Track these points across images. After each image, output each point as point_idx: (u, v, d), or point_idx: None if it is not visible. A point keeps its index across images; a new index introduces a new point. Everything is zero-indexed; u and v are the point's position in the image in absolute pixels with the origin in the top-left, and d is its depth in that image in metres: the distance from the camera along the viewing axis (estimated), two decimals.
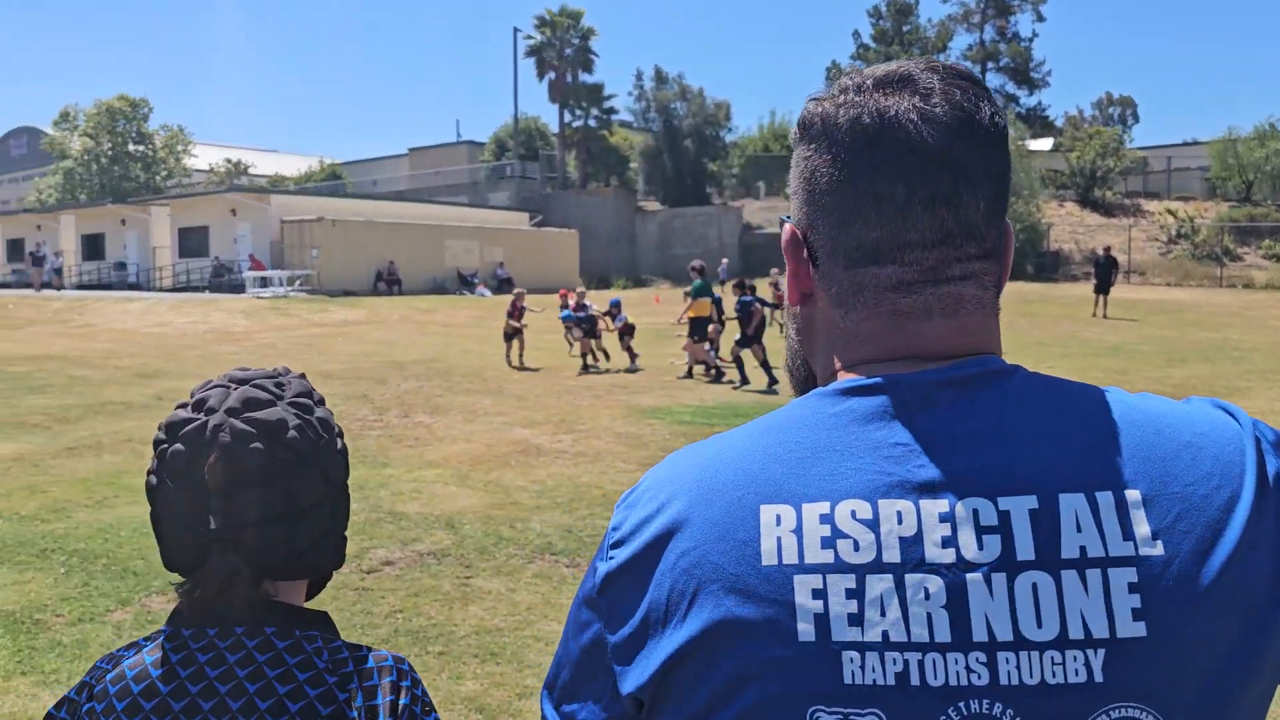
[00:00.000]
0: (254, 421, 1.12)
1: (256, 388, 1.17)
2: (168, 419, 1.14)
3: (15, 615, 4.80)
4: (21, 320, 27.08)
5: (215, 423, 1.11)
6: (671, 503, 0.79)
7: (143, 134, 59.28)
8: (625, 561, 0.79)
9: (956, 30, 49.00)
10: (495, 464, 8.62)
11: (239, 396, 1.14)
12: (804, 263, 0.88)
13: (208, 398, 1.15)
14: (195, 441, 1.10)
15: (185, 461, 1.10)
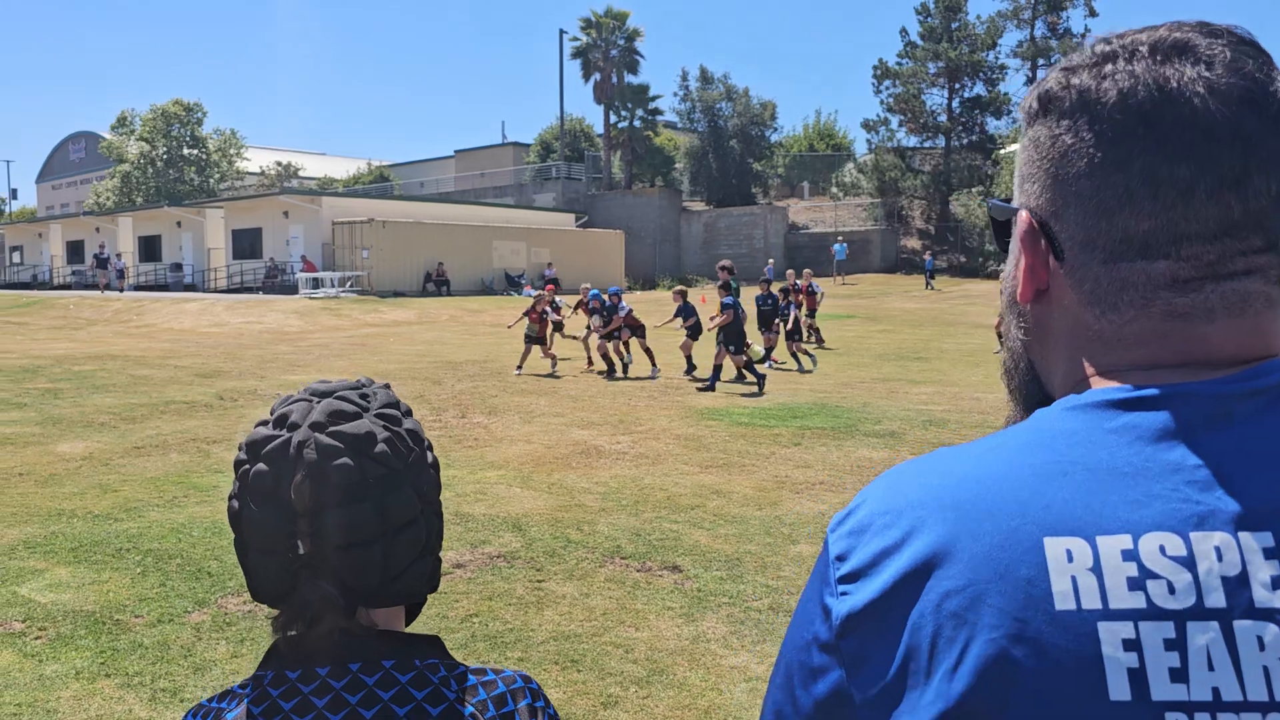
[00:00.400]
0: (341, 435, 1.04)
1: (340, 399, 1.08)
2: (248, 438, 1.06)
3: (96, 615, 4.83)
4: (82, 320, 27.66)
5: (299, 439, 1.03)
6: (921, 531, 0.68)
7: (197, 137, 60.32)
8: (872, 601, 0.68)
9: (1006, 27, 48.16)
10: (557, 465, 8.57)
11: (323, 409, 1.06)
12: (1041, 255, 0.76)
13: (290, 413, 1.06)
14: (279, 460, 1.02)
15: (269, 482, 1.02)
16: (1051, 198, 0.76)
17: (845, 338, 21.56)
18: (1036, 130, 0.77)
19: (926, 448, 9.30)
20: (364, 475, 1.03)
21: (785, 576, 5.56)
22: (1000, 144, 43.66)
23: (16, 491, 7.45)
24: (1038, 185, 0.77)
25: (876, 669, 0.68)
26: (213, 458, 8.84)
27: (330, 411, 1.06)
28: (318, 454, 1.02)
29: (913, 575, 0.67)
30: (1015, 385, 0.84)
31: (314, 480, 1.01)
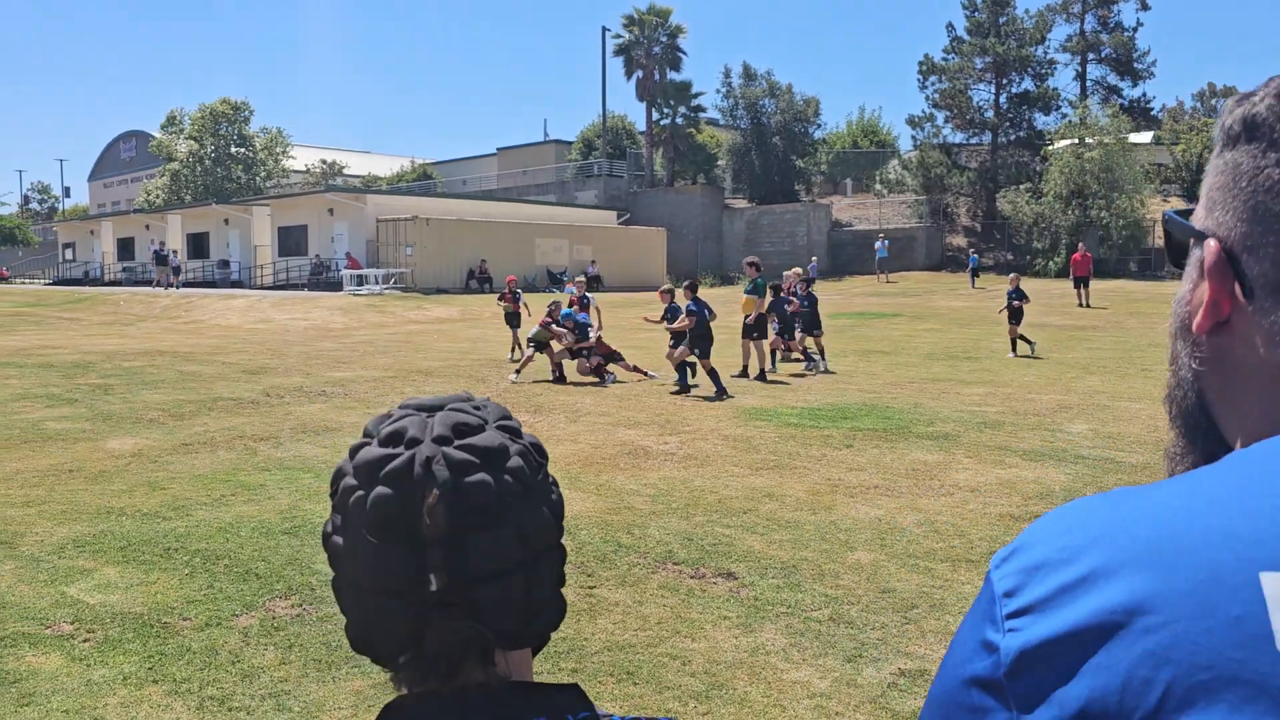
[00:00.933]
0: (473, 449, 0.90)
1: (457, 411, 0.94)
2: (356, 459, 0.91)
3: (143, 617, 4.77)
4: (132, 316, 28.07)
5: (426, 454, 0.88)
6: (1108, 566, 0.62)
7: (244, 136, 61.08)
8: (1049, 639, 0.62)
9: (1055, 21, 47.25)
10: (604, 466, 8.44)
11: (444, 421, 0.92)
12: (1228, 288, 0.70)
13: (403, 429, 0.92)
14: (404, 481, 0.87)
15: (394, 509, 0.87)
16: (1247, 231, 0.70)
17: (892, 336, 21.22)
18: (1237, 155, 0.72)
19: (983, 450, 9.05)
20: (502, 493, 0.89)
21: (844, 585, 5.37)
22: (1049, 140, 42.84)
23: (66, 489, 7.46)
24: (1231, 215, 0.71)
25: (1053, 711, 0.62)
26: (259, 455, 8.81)
27: (453, 424, 0.91)
28: (451, 471, 0.87)
29: (1100, 613, 0.61)
30: (1179, 413, 0.78)
31: (449, 500, 0.87)
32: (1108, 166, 37.51)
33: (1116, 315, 25.47)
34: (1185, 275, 0.74)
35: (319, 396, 12.45)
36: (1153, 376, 14.31)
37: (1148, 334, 20.66)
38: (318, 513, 6.82)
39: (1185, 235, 0.75)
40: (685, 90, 50.84)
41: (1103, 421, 10.63)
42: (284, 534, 6.27)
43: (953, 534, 6.40)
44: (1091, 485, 7.71)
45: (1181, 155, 42.51)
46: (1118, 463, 8.53)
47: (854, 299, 32.76)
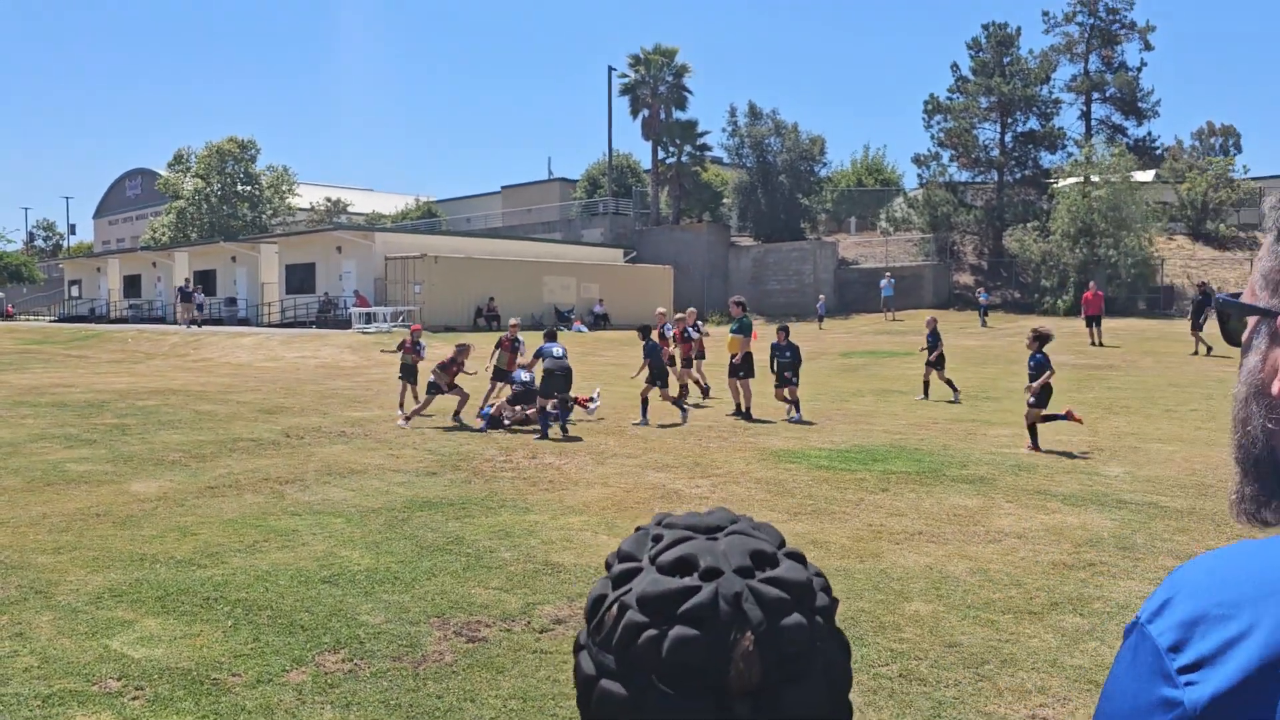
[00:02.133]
0: (783, 584, 0.78)
1: (746, 535, 0.82)
2: (641, 590, 0.77)
3: (193, 674, 4.60)
4: (141, 354, 27.96)
5: (734, 589, 0.76)
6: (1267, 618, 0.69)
7: (250, 174, 61.37)
8: (1227, 689, 0.68)
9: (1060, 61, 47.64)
10: (639, 510, 8.28)
11: (740, 549, 0.80)
12: None
13: (693, 556, 0.79)
14: (711, 622, 0.75)
15: (699, 655, 0.74)
16: None
17: (907, 375, 21.10)
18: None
19: (1022, 495, 8.90)
20: (814, 637, 0.77)
21: (908, 639, 5.21)
22: (1054, 178, 43.01)
23: (96, 534, 7.31)
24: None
25: None
26: (287, 499, 8.66)
27: (750, 550, 0.80)
28: (764, 612, 0.75)
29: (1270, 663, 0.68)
30: (1255, 467, 0.85)
31: (767, 649, 0.75)
32: (1115, 205, 37.61)
33: (1130, 354, 25.37)
34: (1251, 349, 0.83)
35: (339, 437, 12.31)
36: (1177, 417, 14.18)
37: (1165, 373, 20.55)
38: (354, 560, 6.66)
39: (1245, 314, 0.84)
40: (691, 129, 51.14)
41: (1137, 464, 10.49)
42: (323, 583, 6.12)
43: (1009, 583, 6.24)
44: (1141, 531, 7.56)
45: (1186, 194, 42.64)
46: (1162, 507, 8.38)
47: (863, 337, 32.69)
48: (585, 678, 0.79)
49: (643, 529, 0.85)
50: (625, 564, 0.81)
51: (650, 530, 0.84)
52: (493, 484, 9.46)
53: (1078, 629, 5.40)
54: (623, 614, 0.77)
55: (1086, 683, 4.67)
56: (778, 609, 0.76)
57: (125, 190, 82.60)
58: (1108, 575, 6.43)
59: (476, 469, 10.26)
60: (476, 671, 4.70)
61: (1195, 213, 42.59)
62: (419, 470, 10.13)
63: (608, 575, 0.81)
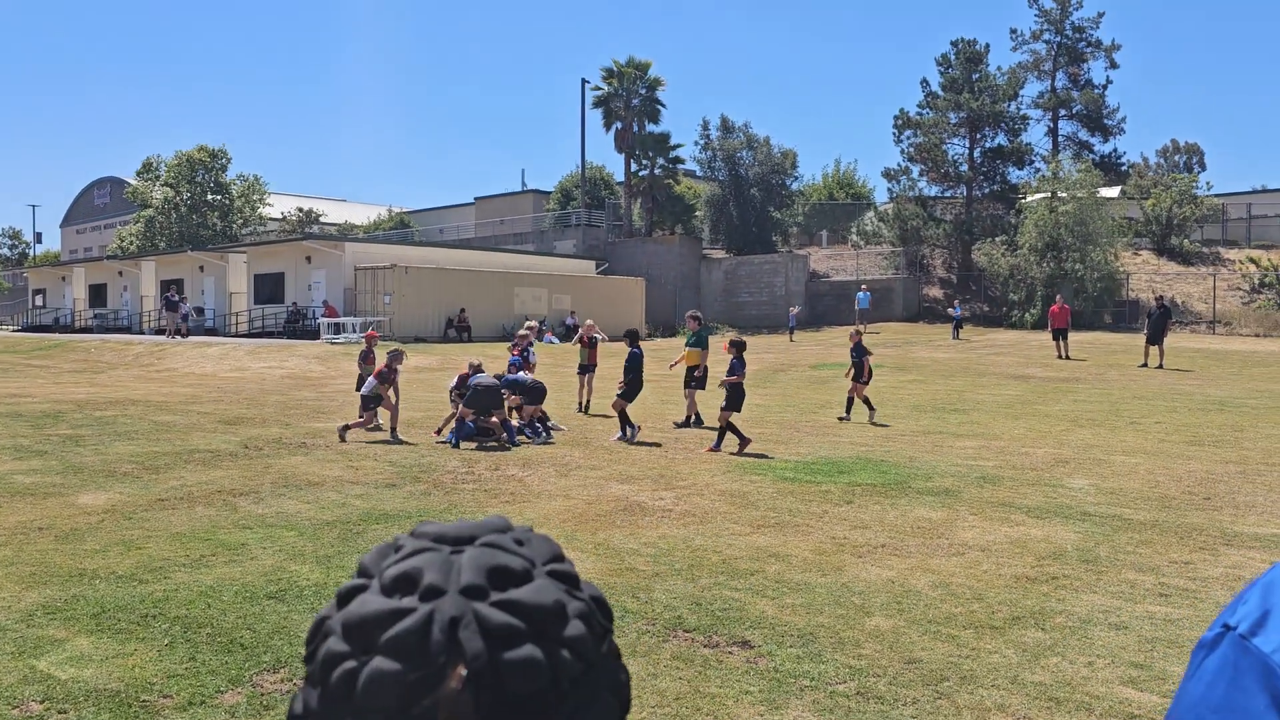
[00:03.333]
0: (518, 608, 0.62)
1: (493, 548, 0.66)
2: (347, 611, 0.63)
3: (121, 695, 4.41)
4: (104, 364, 27.49)
5: (451, 613, 0.61)
6: None
7: (220, 184, 60.76)
8: None
9: (1027, 78, 48.14)
10: (600, 523, 8.14)
11: (475, 564, 0.64)
12: None
13: (417, 571, 0.63)
14: (416, 652, 0.59)
15: (396, 693, 0.59)
16: None
17: (876, 388, 21.06)
18: None
19: (987, 507, 8.83)
20: (556, 676, 0.61)
21: (867, 655, 5.09)
22: (1022, 194, 43.39)
23: (36, 549, 7.07)
24: None
25: None
26: (240, 511, 8.44)
27: (488, 567, 0.63)
28: (487, 642, 0.60)
29: None
30: None
31: (483, 688, 0.59)
32: (1081, 220, 37.99)
33: (1096, 367, 25.53)
34: None
35: (299, 448, 12.07)
36: (1142, 430, 14.22)
37: (1130, 386, 20.68)
38: (304, 574, 6.47)
39: None
40: (664, 142, 51.16)
41: (1102, 476, 10.47)
42: (269, 599, 5.92)
43: (970, 597, 6.15)
44: (1105, 544, 7.50)
45: (1151, 209, 43.17)
46: (1126, 520, 8.34)
47: (834, 349, 32.73)
48: (292, 717, 0.64)
49: (398, 538, 0.68)
50: (355, 579, 0.66)
51: (399, 539, 0.68)
52: (453, 496, 9.28)
53: (1039, 644, 5.31)
54: (324, 641, 0.62)
55: (1046, 699, 4.57)
56: (505, 638, 0.60)
57: (93, 199, 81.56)
58: (1070, 589, 6.36)
59: (437, 481, 10.08)
60: None
61: (1160, 228, 43.11)
62: (378, 482, 9.93)
63: (336, 592, 0.66)
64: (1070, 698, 4.60)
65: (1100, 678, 4.86)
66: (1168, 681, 4.81)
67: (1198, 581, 6.54)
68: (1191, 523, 8.24)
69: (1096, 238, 38.04)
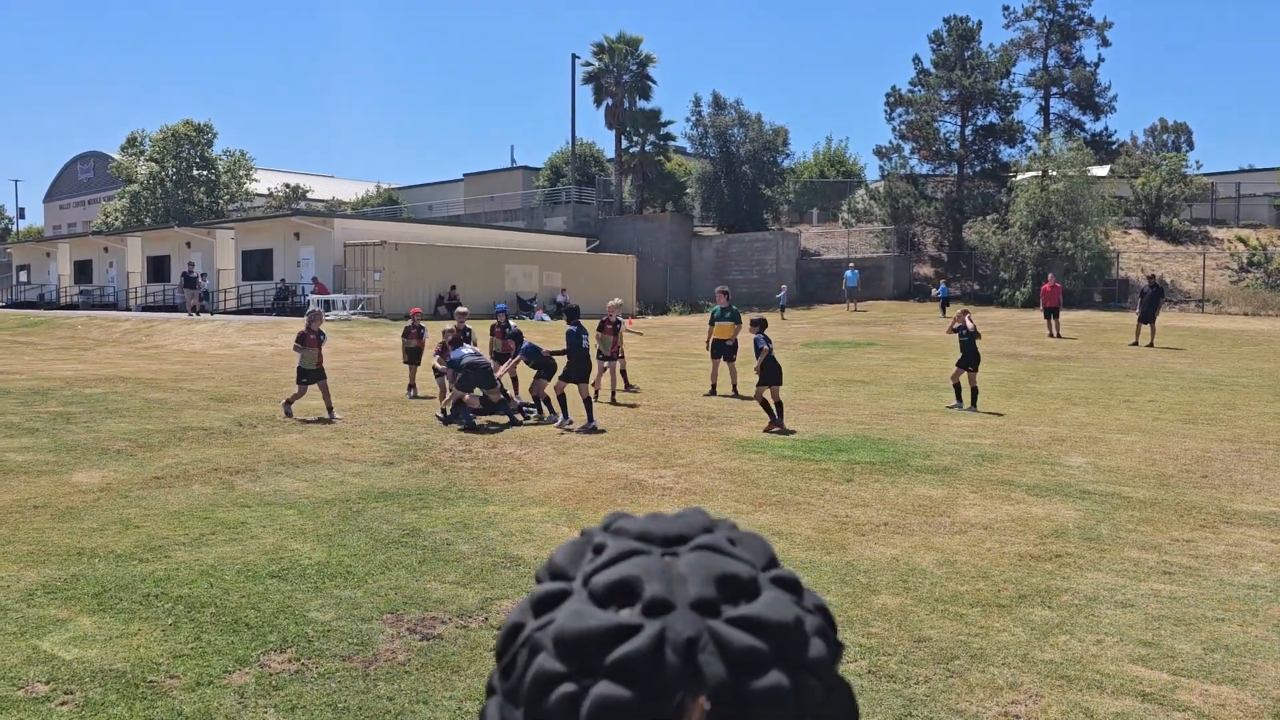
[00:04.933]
0: (759, 627, 0.54)
1: (714, 551, 0.58)
2: (559, 629, 0.55)
3: (127, 676, 4.35)
4: (91, 341, 27.25)
5: (686, 632, 0.53)
6: None
7: (206, 159, 60.17)
8: None
9: (1019, 55, 48.01)
10: (601, 501, 8.11)
11: (701, 571, 0.56)
12: None
13: (635, 580, 0.56)
14: (650, 677, 0.52)
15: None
16: None
17: (869, 366, 21.10)
18: None
19: (987, 485, 8.84)
20: (800, 708, 0.53)
21: (876, 634, 5.08)
22: (1014, 172, 43.37)
23: (33, 527, 6.99)
24: None
25: None
26: (237, 490, 8.37)
27: (719, 576, 0.56)
28: (727, 665, 0.52)
29: None
30: None
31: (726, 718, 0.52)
32: (1072, 199, 38.00)
33: (1088, 346, 25.59)
34: None
35: (294, 426, 11.98)
36: (1135, 408, 14.26)
37: (1122, 364, 20.73)
38: (304, 553, 6.42)
39: None
40: (655, 118, 50.85)
41: (1099, 454, 10.49)
42: (271, 577, 5.87)
43: (976, 575, 6.14)
44: (1105, 522, 7.51)
45: (1141, 188, 43.23)
46: (1126, 498, 8.35)
47: (825, 328, 32.72)
48: None
49: (587, 533, 0.62)
50: (552, 583, 0.58)
51: (594, 536, 0.61)
52: (451, 474, 9.23)
53: (1047, 622, 5.31)
54: (533, 657, 0.55)
55: (1058, 677, 4.57)
56: (749, 664, 0.53)
57: (77, 174, 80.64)
58: (1074, 567, 6.36)
59: (435, 459, 10.02)
60: (430, 671, 4.50)
61: (1150, 207, 43.19)
62: (375, 460, 9.87)
63: (530, 597, 0.59)
64: (1081, 675, 4.60)
65: (1109, 655, 4.86)
66: (1177, 659, 4.82)
67: (1200, 559, 6.55)
68: (1190, 501, 8.26)
69: (1087, 216, 38.07)
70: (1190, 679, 4.58)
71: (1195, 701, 4.34)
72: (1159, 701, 4.34)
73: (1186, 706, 4.29)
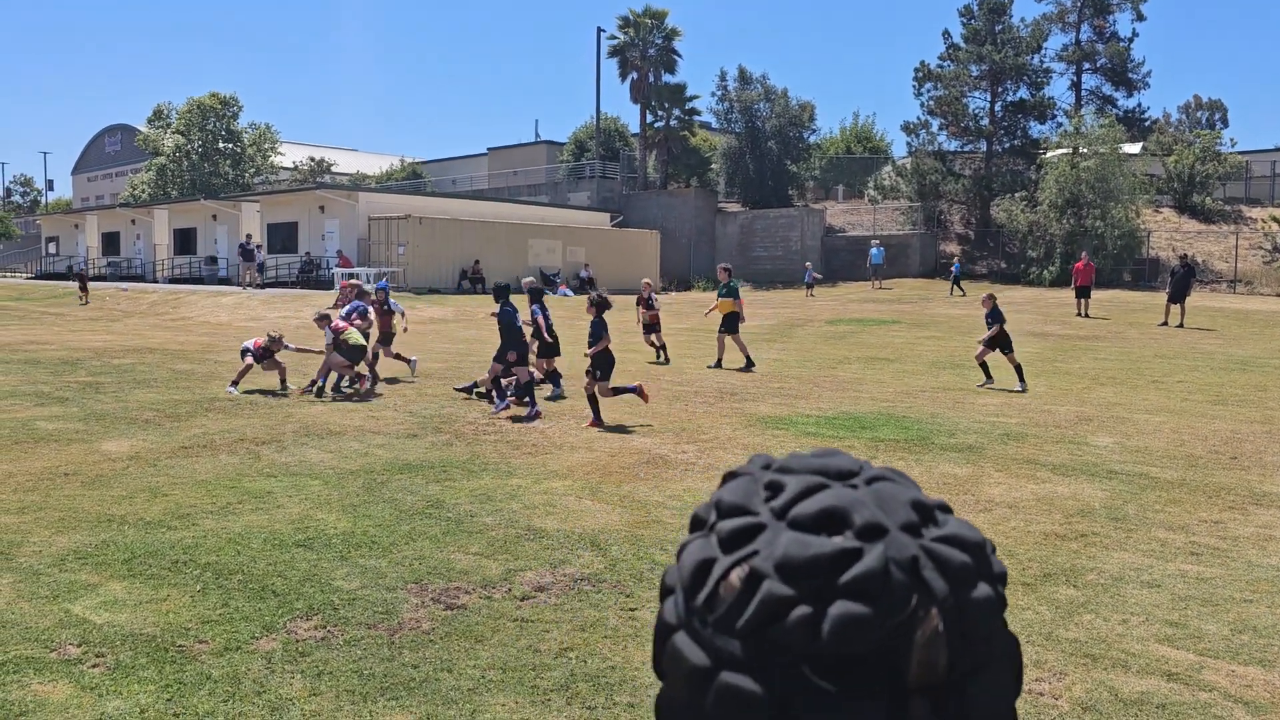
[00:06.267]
0: (964, 544, 0.59)
1: (887, 480, 0.62)
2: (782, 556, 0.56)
3: (157, 640, 4.42)
4: (119, 312, 27.54)
5: (907, 551, 0.56)
6: None
7: (232, 131, 60.40)
8: None
9: (1051, 30, 47.24)
10: (624, 476, 8.12)
11: (896, 497, 0.60)
12: None
13: (844, 508, 0.58)
14: (885, 594, 0.55)
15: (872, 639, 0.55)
16: None
17: (894, 344, 20.98)
18: None
19: (1011, 464, 8.78)
20: (997, 611, 0.60)
21: None
22: (1044, 149, 42.80)
23: (64, 494, 7.09)
24: None
25: None
26: (263, 460, 8.45)
27: (912, 502, 0.60)
28: (949, 580, 0.57)
29: None
30: None
31: (959, 628, 0.56)
32: (1103, 176, 37.48)
33: (1116, 325, 25.31)
34: None
35: (319, 398, 12.07)
36: (1164, 389, 14.11)
37: (1151, 344, 20.50)
38: (330, 523, 6.47)
39: None
40: (680, 93, 50.56)
41: (1126, 435, 10.39)
42: (298, 546, 5.93)
43: (1001, 553, 6.08)
44: (1132, 503, 7.45)
45: (1173, 166, 42.55)
46: (1153, 478, 8.28)
47: (850, 305, 32.55)
48: (694, 669, 0.57)
49: (742, 472, 0.64)
50: (737, 518, 0.60)
51: (760, 476, 0.63)
52: (474, 447, 9.27)
53: (1072, 601, 5.28)
54: (756, 584, 0.56)
55: (1082, 656, 4.54)
56: (963, 578, 0.57)
57: (104, 146, 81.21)
58: (1100, 546, 6.32)
59: (458, 431, 10.06)
60: (454, 640, 4.53)
61: (1182, 185, 42.52)
62: (399, 432, 9.93)
63: (705, 533, 0.61)
64: (1106, 654, 4.57)
65: (1135, 635, 4.82)
66: (1203, 640, 4.78)
67: (1229, 541, 6.49)
68: (1219, 482, 8.17)
69: (1118, 194, 37.56)
70: (1217, 660, 4.55)
71: (1222, 682, 4.31)
72: (1185, 681, 4.31)
73: (1213, 687, 4.26)
